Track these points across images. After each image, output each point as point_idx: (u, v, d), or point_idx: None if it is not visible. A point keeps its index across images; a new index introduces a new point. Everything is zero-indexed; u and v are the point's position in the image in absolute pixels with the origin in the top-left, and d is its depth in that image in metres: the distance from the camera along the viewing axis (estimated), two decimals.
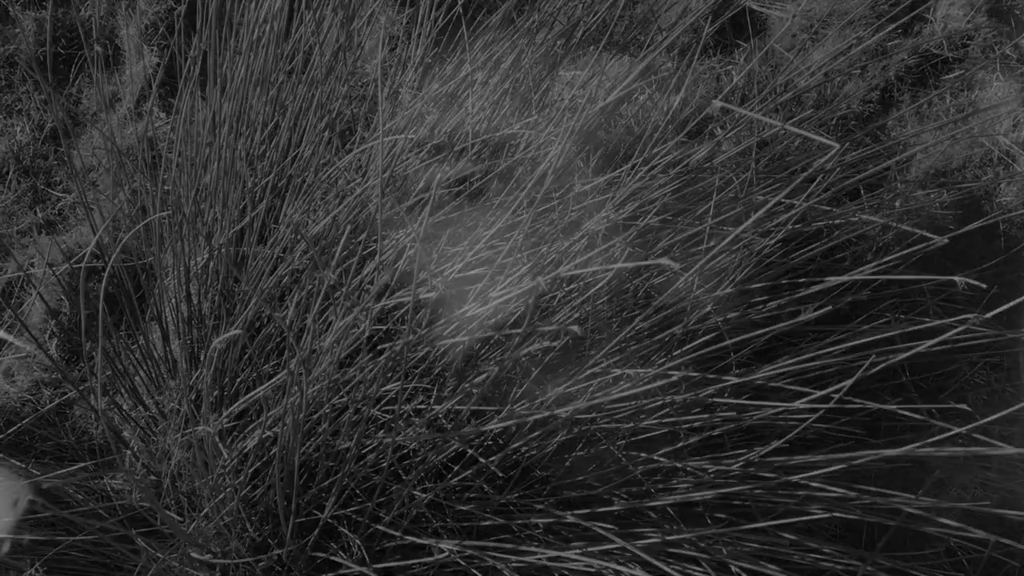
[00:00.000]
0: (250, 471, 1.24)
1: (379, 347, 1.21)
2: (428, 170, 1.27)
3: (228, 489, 1.23)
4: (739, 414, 1.15)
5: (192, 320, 1.63)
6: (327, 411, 1.09)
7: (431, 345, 1.01)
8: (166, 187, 1.64)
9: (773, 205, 1.28)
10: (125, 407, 1.81)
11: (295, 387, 0.92)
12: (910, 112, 2.39)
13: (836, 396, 1.04)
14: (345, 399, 1.09)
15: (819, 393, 1.06)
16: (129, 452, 1.77)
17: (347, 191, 1.28)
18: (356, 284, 1.14)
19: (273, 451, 1.13)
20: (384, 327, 1.18)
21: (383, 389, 1.19)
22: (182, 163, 1.47)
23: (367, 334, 0.96)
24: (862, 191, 2.14)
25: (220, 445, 1.08)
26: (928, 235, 1.19)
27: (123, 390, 1.77)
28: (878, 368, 1.10)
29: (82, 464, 1.60)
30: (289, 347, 0.87)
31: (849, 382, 1.03)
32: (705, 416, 1.21)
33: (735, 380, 1.09)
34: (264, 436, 1.16)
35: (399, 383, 1.15)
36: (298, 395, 0.93)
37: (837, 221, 1.50)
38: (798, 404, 1.07)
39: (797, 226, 1.47)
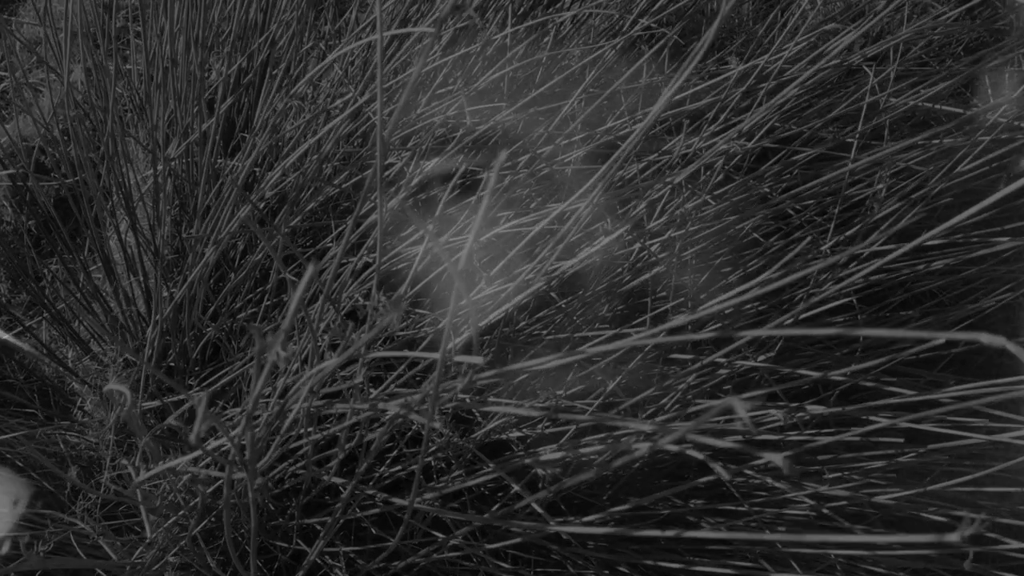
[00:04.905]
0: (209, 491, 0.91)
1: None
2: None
3: (181, 513, 0.90)
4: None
5: (143, 254, 1.27)
6: (309, 435, 0.75)
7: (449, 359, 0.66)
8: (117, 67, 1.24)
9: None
10: (71, 356, 1.47)
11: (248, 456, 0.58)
12: None
13: None
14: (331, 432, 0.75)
15: None
16: (79, 409, 1.44)
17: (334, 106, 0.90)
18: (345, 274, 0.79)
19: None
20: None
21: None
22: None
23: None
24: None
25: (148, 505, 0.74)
26: None
27: (66, 337, 1.43)
28: None
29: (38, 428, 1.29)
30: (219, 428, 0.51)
31: None
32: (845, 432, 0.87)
33: (912, 395, 0.73)
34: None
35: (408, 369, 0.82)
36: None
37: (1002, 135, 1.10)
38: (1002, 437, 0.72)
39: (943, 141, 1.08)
